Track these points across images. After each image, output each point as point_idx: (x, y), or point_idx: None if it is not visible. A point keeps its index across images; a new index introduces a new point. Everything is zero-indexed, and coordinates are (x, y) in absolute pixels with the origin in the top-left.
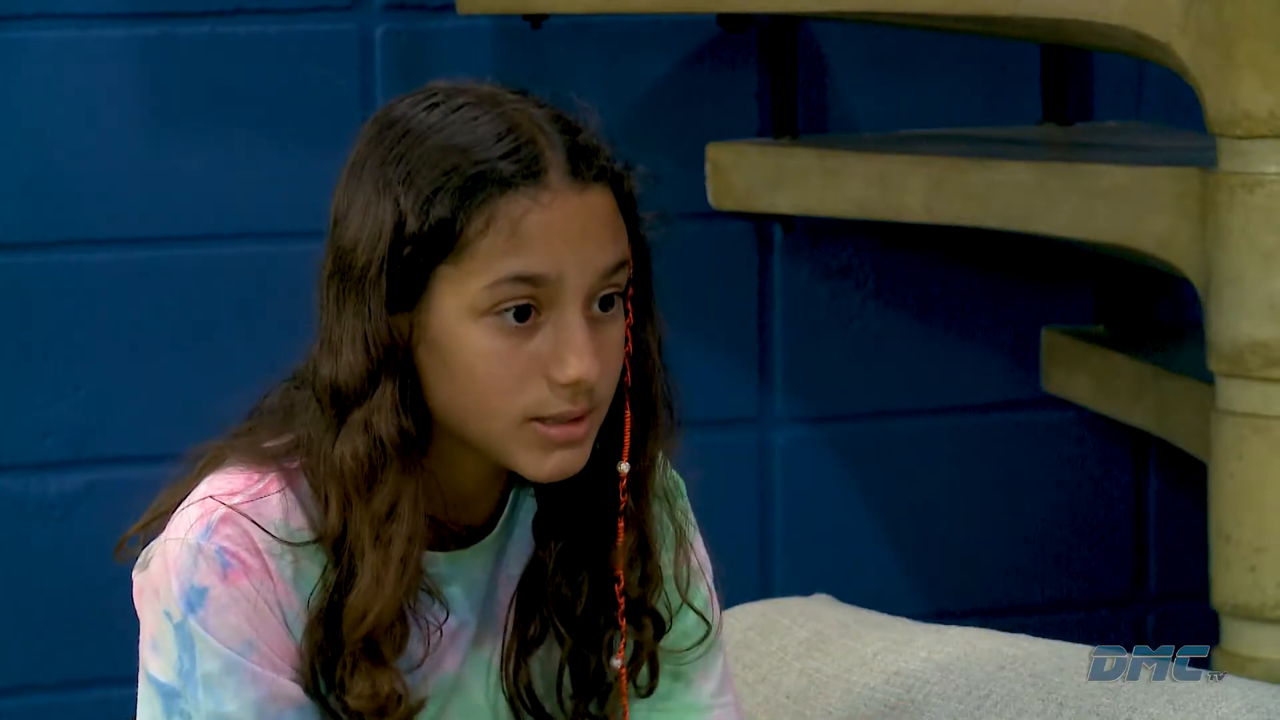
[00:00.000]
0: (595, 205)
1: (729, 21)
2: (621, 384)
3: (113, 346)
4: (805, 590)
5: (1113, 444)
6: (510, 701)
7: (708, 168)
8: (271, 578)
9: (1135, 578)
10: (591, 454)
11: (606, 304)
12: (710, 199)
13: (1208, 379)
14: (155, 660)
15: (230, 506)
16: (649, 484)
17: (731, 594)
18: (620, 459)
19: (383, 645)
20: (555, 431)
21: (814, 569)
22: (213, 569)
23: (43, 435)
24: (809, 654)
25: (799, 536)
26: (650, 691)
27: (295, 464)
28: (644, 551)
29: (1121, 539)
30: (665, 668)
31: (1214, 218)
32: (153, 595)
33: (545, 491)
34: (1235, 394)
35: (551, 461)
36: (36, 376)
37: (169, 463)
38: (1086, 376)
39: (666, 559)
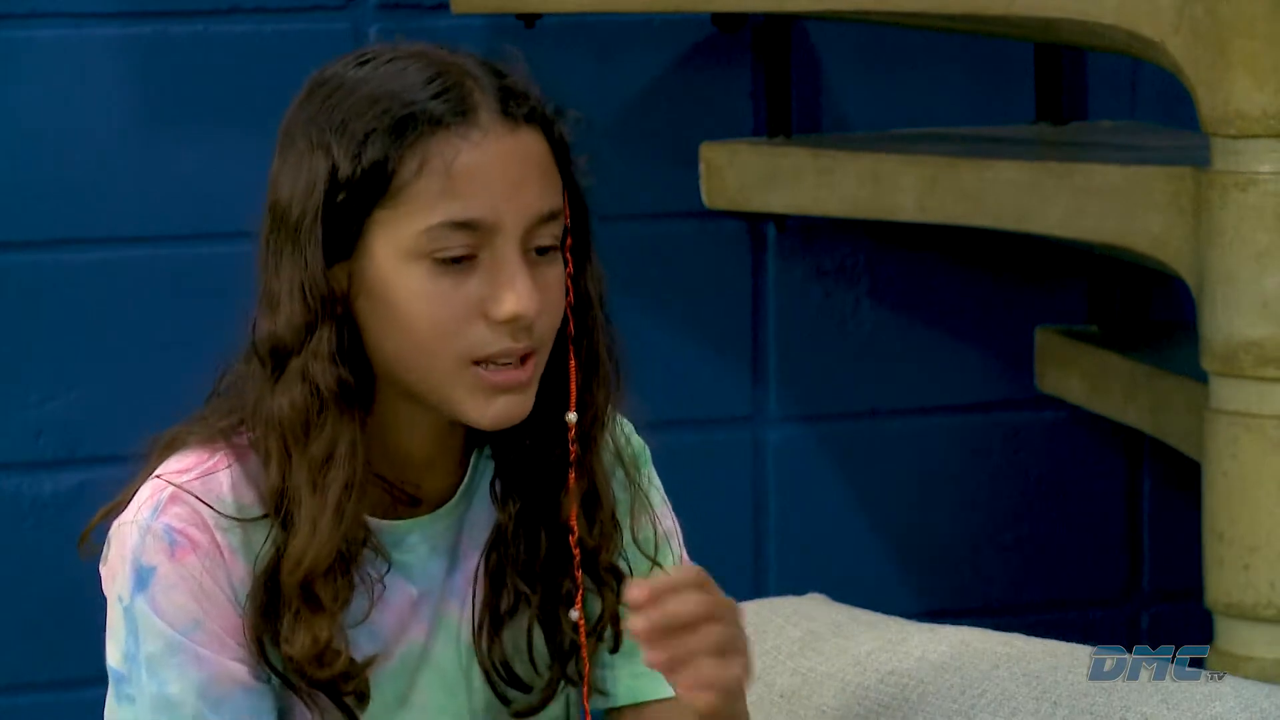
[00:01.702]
0: (527, 145)
1: (723, 21)
2: (565, 335)
3: (106, 346)
4: (799, 589)
5: (1106, 443)
6: (485, 674)
7: (701, 167)
8: (221, 552)
9: (1129, 577)
10: (540, 408)
11: (544, 249)
12: (704, 198)
13: (1201, 378)
14: (110, 647)
15: (178, 485)
16: (597, 434)
17: (725, 593)
18: (567, 410)
19: (320, 593)
20: (498, 377)
21: (807, 568)
22: (160, 547)
23: (36, 434)
24: (802, 653)
25: (792, 535)
26: (616, 647)
27: (244, 440)
28: (594, 501)
29: (1115, 538)
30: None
31: (1207, 217)
32: (110, 582)
33: (500, 450)
34: (1228, 393)
35: (496, 407)
36: (30, 375)
37: None
38: (1080, 376)
39: (624, 514)
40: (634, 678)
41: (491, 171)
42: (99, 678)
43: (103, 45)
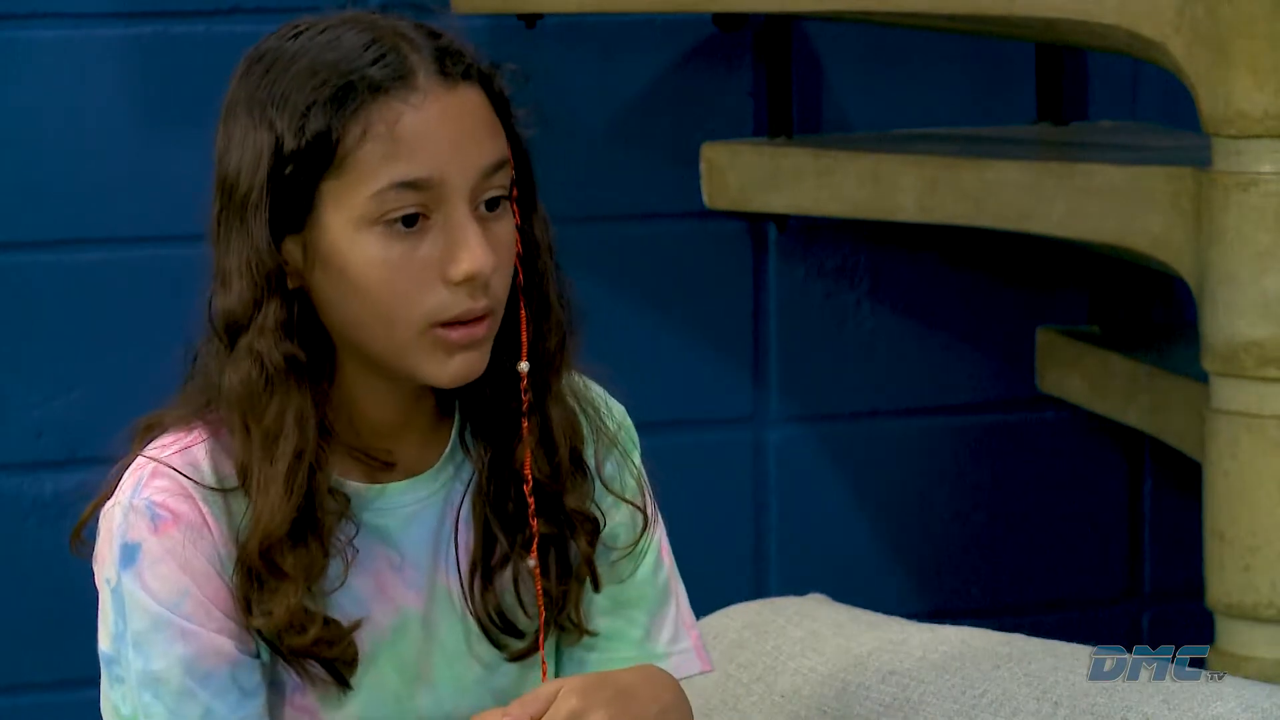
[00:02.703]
0: (467, 102)
1: (724, 21)
2: (515, 285)
3: (107, 346)
4: (800, 589)
5: (1107, 443)
6: (482, 627)
7: (702, 167)
8: (206, 522)
9: (1130, 577)
10: (498, 357)
11: (492, 205)
12: (705, 198)
13: (1202, 378)
14: (101, 631)
15: (159, 461)
16: (552, 379)
17: (726, 593)
18: (519, 359)
19: (281, 561)
20: (456, 334)
21: (809, 568)
22: (143, 523)
23: (37, 435)
24: (804, 653)
25: (794, 536)
26: (597, 587)
27: (217, 417)
28: (550, 446)
29: (1116, 538)
30: (613, 611)
31: (1208, 217)
32: (99, 568)
33: (465, 402)
34: (1229, 393)
35: (454, 365)
36: (31, 376)
37: None
38: (1081, 376)
39: (589, 455)
40: (625, 661)
41: (434, 131)
42: (99, 678)
43: (103, 45)
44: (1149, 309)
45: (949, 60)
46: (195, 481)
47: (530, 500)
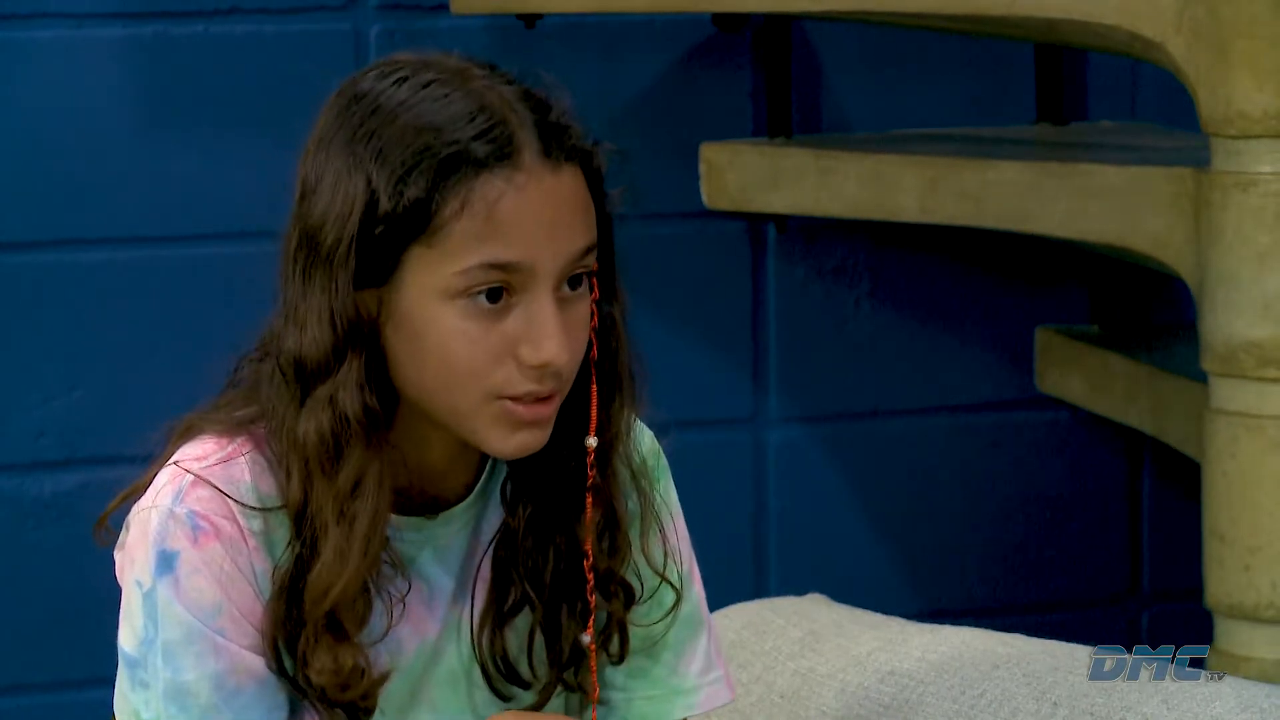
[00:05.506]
0: (567, 185)
1: (723, 21)
2: (588, 358)
3: (107, 346)
4: (799, 590)
5: (1107, 444)
6: (483, 668)
7: (702, 167)
8: (244, 538)
9: (1130, 577)
10: (559, 424)
11: (575, 283)
12: (704, 199)
13: (1202, 379)
14: (124, 630)
15: (199, 473)
16: (615, 456)
17: (726, 593)
18: (588, 433)
19: (345, 620)
20: (522, 410)
21: (808, 568)
22: (184, 532)
23: (37, 435)
24: (803, 654)
25: (793, 536)
26: (621, 659)
27: (262, 431)
28: (611, 525)
29: (1116, 539)
30: (646, 649)
31: (1208, 217)
32: (128, 566)
33: (514, 460)
34: (1229, 393)
35: (516, 439)
36: (31, 376)
37: None
38: (1081, 376)
39: (635, 529)
40: (648, 700)
41: (532, 214)
42: (100, 678)
43: (104, 46)
44: (1149, 309)
45: (949, 60)
46: (236, 499)
47: (590, 576)
